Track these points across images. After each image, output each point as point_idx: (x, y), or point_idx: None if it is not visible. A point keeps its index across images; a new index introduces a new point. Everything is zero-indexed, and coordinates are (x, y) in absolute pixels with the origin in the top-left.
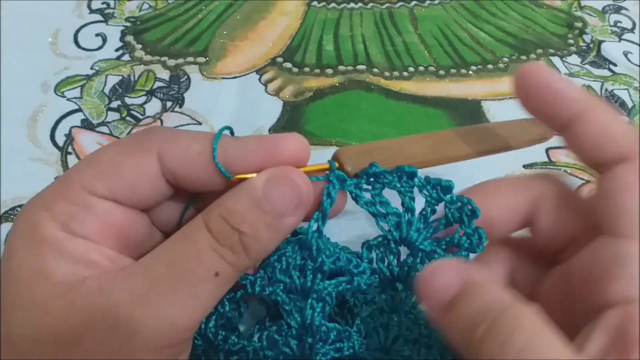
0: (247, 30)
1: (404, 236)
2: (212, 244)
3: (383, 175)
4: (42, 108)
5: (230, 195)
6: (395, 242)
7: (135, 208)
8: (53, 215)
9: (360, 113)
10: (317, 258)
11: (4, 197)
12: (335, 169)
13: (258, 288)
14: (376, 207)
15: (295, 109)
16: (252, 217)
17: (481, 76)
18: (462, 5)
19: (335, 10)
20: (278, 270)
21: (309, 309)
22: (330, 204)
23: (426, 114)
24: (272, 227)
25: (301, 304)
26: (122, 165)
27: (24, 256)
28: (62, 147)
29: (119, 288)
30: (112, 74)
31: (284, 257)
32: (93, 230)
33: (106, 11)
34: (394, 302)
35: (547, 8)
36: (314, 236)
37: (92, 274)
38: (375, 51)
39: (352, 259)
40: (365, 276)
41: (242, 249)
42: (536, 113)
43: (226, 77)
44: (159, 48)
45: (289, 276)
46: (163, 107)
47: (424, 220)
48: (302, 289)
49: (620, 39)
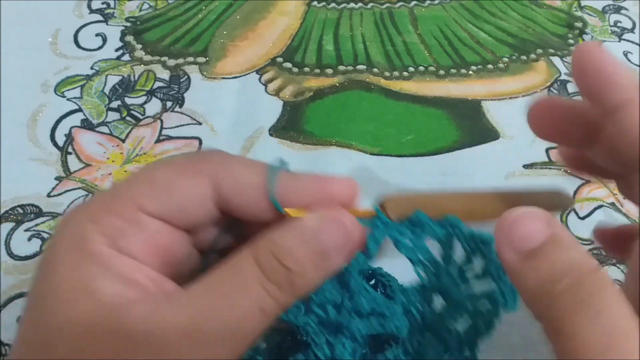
0: (247, 30)
1: (440, 286)
2: (260, 279)
3: (426, 224)
4: (42, 108)
5: (281, 231)
6: (431, 289)
7: (181, 229)
8: (101, 229)
9: (360, 113)
10: (355, 299)
11: (4, 197)
12: (380, 215)
13: (292, 316)
14: (416, 254)
15: (295, 109)
16: (302, 256)
17: (481, 76)
18: (462, 5)
19: (335, 10)
20: (315, 304)
21: (340, 346)
22: (376, 247)
23: (426, 114)
24: (319, 267)
25: (332, 339)
26: (176, 185)
27: (69, 269)
28: (62, 147)
29: (166, 317)
30: (112, 74)
31: (321, 291)
32: (139, 249)
33: (106, 11)
34: (420, 347)
35: (547, 8)
36: (357, 279)
37: (137, 297)
38: (375, 51)
39: (388, 303)
40: (397, 321)
41: (289, 285)
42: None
43: (226, 77)
44: (159, 48)
45: (324, 310)
46: (163, 107)
47: (461, 272)
48: (335, 325)
49: (620, 39)
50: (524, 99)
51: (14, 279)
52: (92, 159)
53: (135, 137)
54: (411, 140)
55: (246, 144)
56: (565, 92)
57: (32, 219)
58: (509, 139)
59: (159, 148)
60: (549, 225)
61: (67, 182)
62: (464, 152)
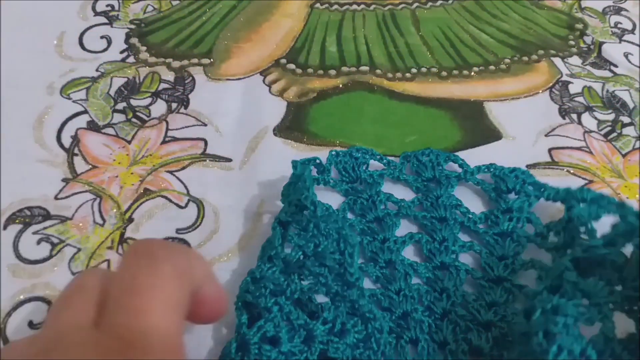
0: (250, 32)
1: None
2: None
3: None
4: (48, 110)
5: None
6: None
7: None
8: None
9: (363, 114)
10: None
11: (11, 198)
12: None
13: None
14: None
15: (299, 110)
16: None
17: (483, 77)
18: (463, 7)
19: (337, 12)
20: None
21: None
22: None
23: (429, 115)
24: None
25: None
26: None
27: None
28: (69, 149)
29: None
30: (117, 75)
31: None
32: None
33: (111, 13)
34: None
35: (548, 9)
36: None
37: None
38: (378, 52)
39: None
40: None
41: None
42: None
43: (230, 79)
44: (164, 50)
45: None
46: (168, 109)
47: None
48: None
49: (621, 40)
50: (526, 99)
51: (24, 282)
52: (99, 160)
53: (141, 139)
54: (414, 141)
55: (251, 144)
56: (566, 93)
57: (40, 222)
58: (512, 140)
59: (165, 149)
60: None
61: (74, 184)
62: (467, 152)
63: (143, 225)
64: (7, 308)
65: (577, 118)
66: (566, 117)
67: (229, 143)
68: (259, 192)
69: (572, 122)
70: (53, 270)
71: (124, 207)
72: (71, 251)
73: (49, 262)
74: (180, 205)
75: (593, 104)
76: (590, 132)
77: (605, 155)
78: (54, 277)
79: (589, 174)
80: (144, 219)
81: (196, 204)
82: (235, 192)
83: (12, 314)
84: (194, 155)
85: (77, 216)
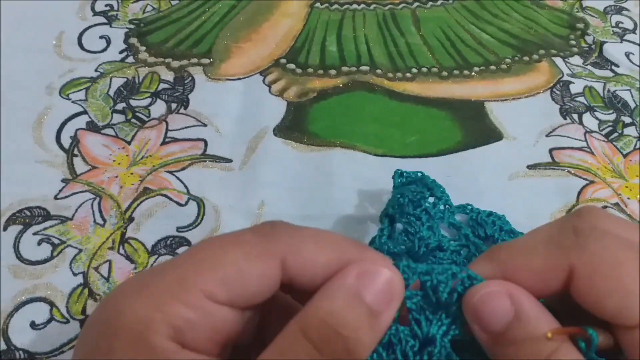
0: (250, 32)
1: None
2: (313, 355)
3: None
4: (47, 110)
5: (323, 296)
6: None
7: (244, 309)
8: (167, 318)
9: (364, 114)
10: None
11: (11, 199)
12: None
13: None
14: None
15: (299, 110)
16: (351, 317)
17: (484, 77)
18: (464, 7)
19: (338, 12)
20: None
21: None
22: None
23: (430, 115)
24: (370, 327)
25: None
26: (247, 272)
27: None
28: (68, 149)
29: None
30: (116, 76)
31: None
32: (204, 341)
33: (110, 13)
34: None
35: (549, 9)
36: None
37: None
38: (378, 52)
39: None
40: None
41: (346, 354)
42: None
43: (230, 79)
44: (163, 50)
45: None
46: (168, 109)
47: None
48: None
49: (622, 39)
50: (527, 99)
51: (25, 283)
52: (98, 161)
53: (141, 139)
54: (415, 141)
55: (251, 144)
56: (567, 93)
57: (40, 222)
58: (513, 140)
59: (165, 150)
60: (513, 301)
61: (74, 184)
62: (468, 153)
63: (144, 224)
64: (8, 309)
65: (578, 118)
66: (567, 117)
67: (229, 143)
68: (259, 193)
69: (573, 122)
70: (54, 271)
71: (124, 207)
72: (72, 252)
73: (50, 262)
74: (180, 203)
75: (594, 104)
76: (591, 132)
77: (606, 155)
78: (55, 278)
79: (589, 174)
80: (144, 218)
81: (196, 202)
82: (235, 193)
83: (13, 314)
84: (194, 156)
85: (77, 216)
